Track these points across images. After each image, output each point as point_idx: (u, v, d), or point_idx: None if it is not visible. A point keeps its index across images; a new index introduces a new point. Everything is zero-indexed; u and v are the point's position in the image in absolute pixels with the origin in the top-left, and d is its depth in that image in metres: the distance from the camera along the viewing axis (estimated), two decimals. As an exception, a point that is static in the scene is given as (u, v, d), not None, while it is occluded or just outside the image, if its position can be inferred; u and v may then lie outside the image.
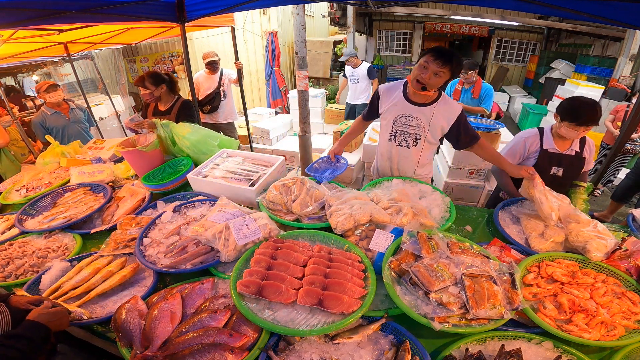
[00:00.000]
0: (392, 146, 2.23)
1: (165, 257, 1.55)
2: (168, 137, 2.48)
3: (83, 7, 2.27)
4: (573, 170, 2.15)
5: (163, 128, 2.46)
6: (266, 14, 8.27)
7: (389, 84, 2.21)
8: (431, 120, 2.04)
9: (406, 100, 2.07)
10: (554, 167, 2.14)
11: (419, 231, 1.53)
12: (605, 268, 1.48)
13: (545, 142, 2.13)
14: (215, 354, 1.09)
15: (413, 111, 2.06)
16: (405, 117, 2.09)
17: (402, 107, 2.09)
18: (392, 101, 2.12)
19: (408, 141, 2.16)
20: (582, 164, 2.14)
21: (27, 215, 2.08)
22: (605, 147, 4.83)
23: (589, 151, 2.15)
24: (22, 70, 7.43)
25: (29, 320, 1.10)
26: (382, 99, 2.18)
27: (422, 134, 2.10)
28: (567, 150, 2.11)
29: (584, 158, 2.13)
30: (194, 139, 2.43)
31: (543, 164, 2.14)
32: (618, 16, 2.05)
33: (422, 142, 2.14)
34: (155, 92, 2.69)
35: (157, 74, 2.69)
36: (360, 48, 10.86)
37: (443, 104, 2.02)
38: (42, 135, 3.40)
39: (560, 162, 2.12)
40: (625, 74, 6.62)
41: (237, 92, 4.77)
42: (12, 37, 3.25)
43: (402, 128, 2.14)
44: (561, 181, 2.16)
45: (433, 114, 2.02)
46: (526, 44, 10.40)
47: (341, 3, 7.68)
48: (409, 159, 2.22)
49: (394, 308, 1.29)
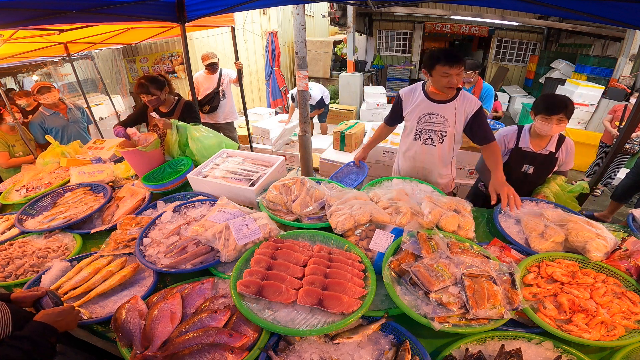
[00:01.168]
0: (418, 145, 2.29)
1: (165, 257, 1.55)
2: (180, 138, 2.48)
3: (83, 7, 2.27)
4: (544, 169, 2.21)
5: (179, 128, 2.46)
6: (266, 14, 8.27)
7: (408, 87, 2.28)
8: (455, 116, 2.12)
9: (428, 99, 2.15)
10: (525, 164, 2.20)
11: (419, 231, 1.53)
12: (605, 268, 1.48)
13: (521, 140, 2.21)
14: (215, 354, 1.09)
15: (437, 109, 2.14)
16: (429, 115, 2.17)
17: (425, 106, 2.17)
18: (415, 102, 2.20)
19: (434, 138, 2.23)
20: (554, 163, 2.19)
21: (27, 215, 2.08)
22: (604, 147, 4.84)
23: (565, 152, 2.18)
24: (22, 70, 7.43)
25: (35, 322, 1.09)
26: (404, 102, 2.26)
27: (447, 130, 2.18)
28: (542, 150, 2.17)
29: (557, 158, 2.18)
30: (207, 143, 2.44)
31: (515, 161, 2.22)
32: (618, 16, 2.05)
33: (447, 140, 2.21)
34: (161, 96, 2.64)
35: (157, 78, 2.64)
36: (360, 48, 10.87)
37: (463, 99, 2.10)
38: (41, 136, 3.39)
39: (532, 161, 2.18)
40: (625, 74, 6.62)
41: (237, 92, 4.76)
42: (12, 37, 3.25)
43: (428, 126, 2.21)
44: (532, 179, 2.23)
45: (456, 108, 2.10)
46: (526, 44, 10.39)
47: (341, 3, 7.67)
48: (435, 156, 2.28)
49: (394, 308, 1.29)
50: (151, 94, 2.57)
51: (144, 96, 2.60)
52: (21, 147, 3.51)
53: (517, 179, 2.17)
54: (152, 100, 2.61)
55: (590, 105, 6.37)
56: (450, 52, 1.93)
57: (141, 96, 2.61)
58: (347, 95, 8.30)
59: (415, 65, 11.07)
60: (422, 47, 11.26)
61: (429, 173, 2.35)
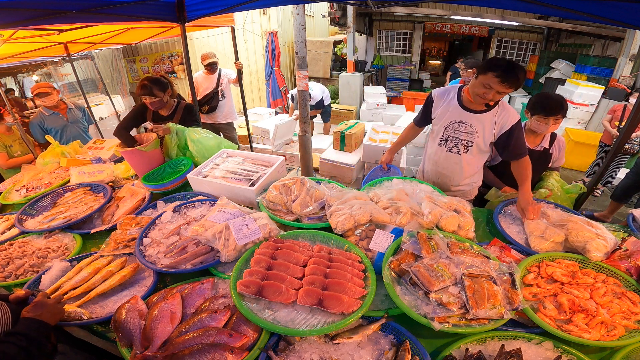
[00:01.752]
0: (442, 151, 2.17)
1: (165, 257, 1.55)
2: (179, 141, 2.47)
3: (83, 7, 2.27)
4: (539, 165, 2.24)
5: (177, 132, 2.44)
6: (266, 14, 8.27)
7: (442, 88, 2.16)
8: (486, 127, 1.97)
9: (461, 107, 2.01)
10: None
11: (419, 231, 1.53)
12: (605, 268, 1.48)
13: None
14: (215, 354, 1.09)
15: (468, 118, 2.00)
16: (458, 123, 2.03)
17: (456, 113, 2.03)
18: (446, 107, 2.07)
19: (459, 147, 2.09)
20: (548, 160, 2.24)
21: (27, 215, 2.08)
22: (603, 147, 4.83)
23: (557, 148, 2.25)
24: (22, 70, 7.44)
25: (22, 318, 1.12)
26: (436, 104, 2.13)
27: (474, 140, 2.03)
28: (537, 146, 2.20)
29: (551, 154, 2.23)
30: (206, 144, 2.43)
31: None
32: (618, 16, 2.05)
33: (473, 149, 2.07)
34: (164, 98, 2.58)
35: (160, 80, 2.59)
36: (360, 48, 10.86)
37: (502, 111, 1.95)
38: (41, 136, 3.39)
39: (529, 157, 2.16)
40: (625, 74, 6.62)
41: (237, 92, 4.76)
42: (12, 37, 3.25)
43: (455, 134, 2.07)
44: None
45: (489, 120, 1.96)
46: (526, 44, 10.39)
47: (341, 3, 7.68)
48: (459, 165, 2.15)
49: (394, 308, 1.29)
50: (154, 95, 2.50)
51: (146, 98, 2.52)
52: (19, 146, 3.49)
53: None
54: (155, 102, 2.54)
55: (590, 105, 6.36)
56: (507, 69, 1.70)
57: (142, 98, 2.54)
58: (347, 95, 8.30)
59: (415, 65, 11.07)
60: (422, 47, 11.26)
61: (449, 180, 2.24)
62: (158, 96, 2.53)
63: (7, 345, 0.99)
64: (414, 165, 5.04)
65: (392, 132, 4.35)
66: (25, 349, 1.00)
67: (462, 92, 2.02)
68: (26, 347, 1.01)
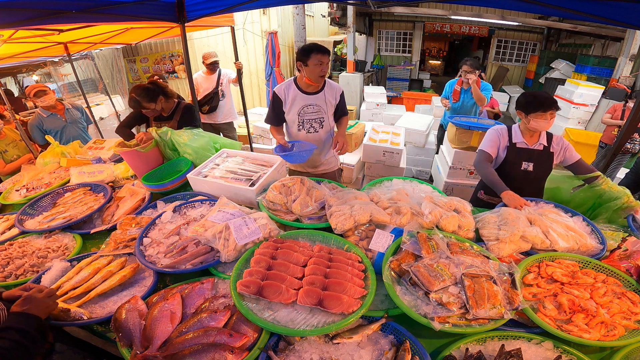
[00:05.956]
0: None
1: (165, 257, 1.55)
2: (167, 145, 2.46)
3: (83, 7, 2.27)
4: (542, 165, 2.18)
5: (161, 137, 2.43)
6: (266, 14, 8.27)
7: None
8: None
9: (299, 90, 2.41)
10: (524, 162, 2.18)
11: (419, 231, 1.53)
12: (605, 268, 1.48)
13: (513, 136, 2.20)
14: (215, 354, 1.09)
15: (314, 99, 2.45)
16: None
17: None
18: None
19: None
20: (551, 158, 2.17)
21: (27, 215, 2.08)
22: (604, 147, 4.84)
23: (559, 145, 2.16)
24: (22, 70, 7.43)
25: (11, 312, 1.13)
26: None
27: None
28: (535, 144, 2.16)
29: (552, 153, 2.17)
30: (195, 145, 2.40)
31: (512, 158, 2.19)
32: (618, 16, 2.05)
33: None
34: (157, 107, 2.59)
35: (149, 89, 2.55)
36: (360, 48, 10.87)
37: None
38: (41, 137, 3.37)
39: (530, 157, 2.17)
40: (625, 74, 6.62)
41: (237, 92, 4.76)
42: (12, 37, 3.25)
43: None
44: (533, 177, 2.19)
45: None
46: (526, 44, 10.40)
47: (341, 3, 7.68)
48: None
49: (394, 308, 1.29)
50: (144, 108, 2.52)
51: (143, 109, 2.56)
52: (15, 150, 3.32)
53: (519, 178, 2.17)
54: (148, 112, 2.57)
55: (590, 105, 6.37)
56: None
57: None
58: (347, 95, 8.25)
59: (415, 65, 11.08)
60: (422, 47, 11.28)
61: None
62: (149, 107, 2.55)
63: (2, 341, 0.99)
64: (414, 165, 5.04)
65: (392, 132, 4.35)
66: (19, 343, 1.01)
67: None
68: (19, 340, 1.01)
